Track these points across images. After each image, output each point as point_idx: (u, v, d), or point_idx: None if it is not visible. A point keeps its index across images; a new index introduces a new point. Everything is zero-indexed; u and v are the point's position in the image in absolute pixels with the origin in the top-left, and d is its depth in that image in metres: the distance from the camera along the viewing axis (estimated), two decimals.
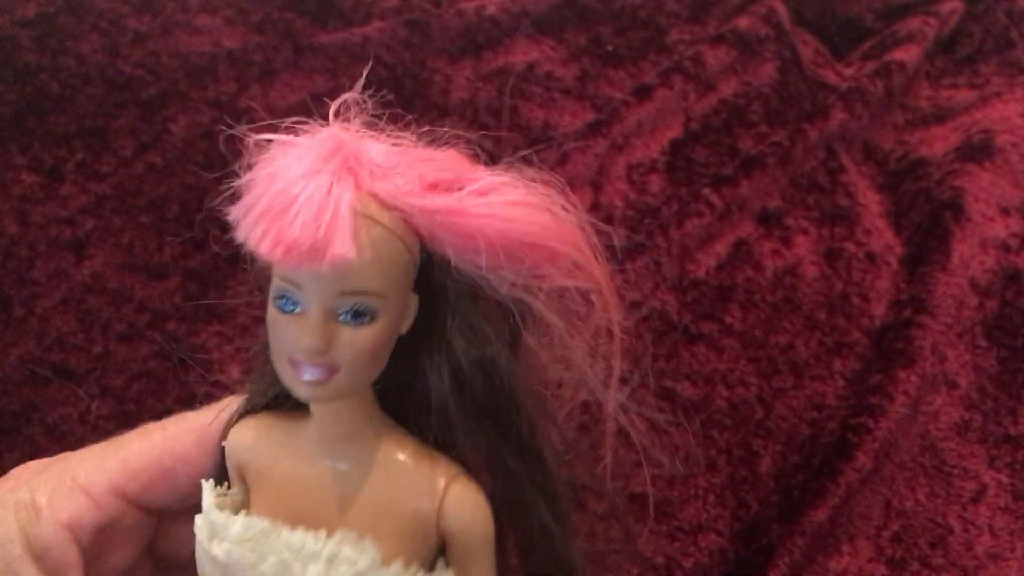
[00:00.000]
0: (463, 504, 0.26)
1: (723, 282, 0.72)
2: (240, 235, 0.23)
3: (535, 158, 0.27)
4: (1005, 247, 0.75)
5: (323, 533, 0.26)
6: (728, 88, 0.89)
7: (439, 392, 0.26)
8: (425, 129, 0.27)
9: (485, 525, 0.27)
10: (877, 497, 0.59)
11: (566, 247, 0.25)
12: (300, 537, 0.26)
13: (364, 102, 0.26)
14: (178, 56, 0.80)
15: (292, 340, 0.24)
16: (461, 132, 0.27)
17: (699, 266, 0.73)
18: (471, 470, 0.27)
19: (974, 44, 0.99)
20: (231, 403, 0.30)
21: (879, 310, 0.71)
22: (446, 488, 0.26)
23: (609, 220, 0.75)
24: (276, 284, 0.24)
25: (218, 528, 0.26)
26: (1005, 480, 0.61)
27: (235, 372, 0.59)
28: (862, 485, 0.59)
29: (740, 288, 0.72)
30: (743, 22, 0.94)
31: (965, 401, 0.65)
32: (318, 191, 0.23)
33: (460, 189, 0.25)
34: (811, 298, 0.72)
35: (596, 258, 0.26)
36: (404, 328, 0.25)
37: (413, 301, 0.26)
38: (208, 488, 0.28)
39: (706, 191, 0.75)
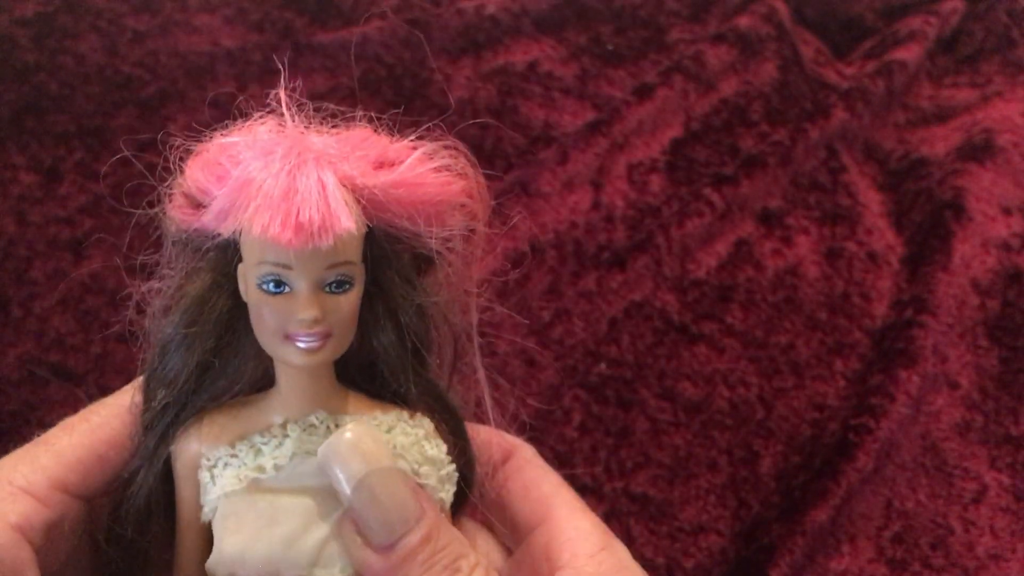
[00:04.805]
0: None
1: (724, 282, 0.72)
2: (231, 225, 0.26)
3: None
4: (1006, 247, 0.74)
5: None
6: (729, 87, 0.89)
7: (386, 343, 0.29)
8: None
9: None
10: (878, 497, 0.59)
11: (472, 201, 0.30)
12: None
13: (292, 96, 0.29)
14: (177, 55, 0.80)
15: (285, 317, 0.27)
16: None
17: (700, 266, 0.73)
18: (414, 408, 0.30)
19: (975, 43, 0.99)
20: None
21: (880, 310, 0.71)
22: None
23: (610, 219, 0.74)
24: (263, 270, 0.27)
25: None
26: (1006, 480, 0.60)
27: None
28: (863, 485, 0.58)
29: (741, 288, 0.71)
30: (744, 21, 0.94)
31: (966, 401, 0.65)
32: (310, 177, 0.26)
33: (398, 164, 0.28)
34: (812, 298, 0.72)
35: (483, 200, 0.30)
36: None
37: (362, 269, 0.28)
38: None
39: (707, 191, 0.75)
